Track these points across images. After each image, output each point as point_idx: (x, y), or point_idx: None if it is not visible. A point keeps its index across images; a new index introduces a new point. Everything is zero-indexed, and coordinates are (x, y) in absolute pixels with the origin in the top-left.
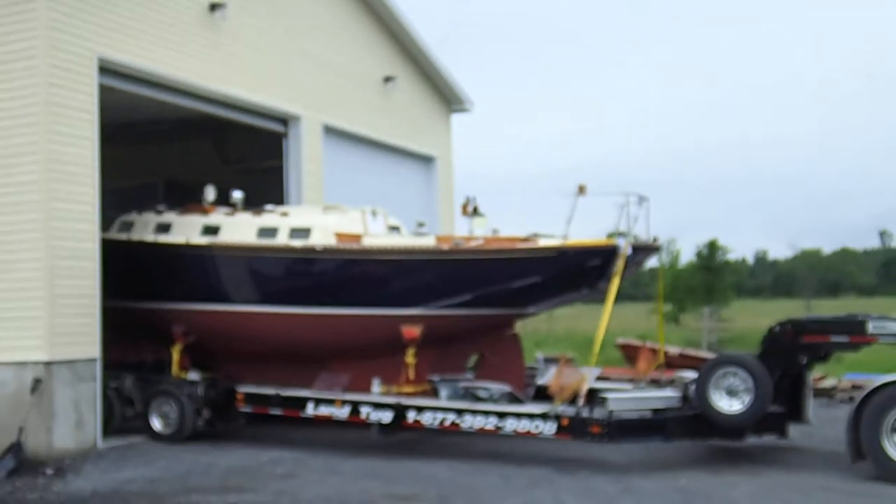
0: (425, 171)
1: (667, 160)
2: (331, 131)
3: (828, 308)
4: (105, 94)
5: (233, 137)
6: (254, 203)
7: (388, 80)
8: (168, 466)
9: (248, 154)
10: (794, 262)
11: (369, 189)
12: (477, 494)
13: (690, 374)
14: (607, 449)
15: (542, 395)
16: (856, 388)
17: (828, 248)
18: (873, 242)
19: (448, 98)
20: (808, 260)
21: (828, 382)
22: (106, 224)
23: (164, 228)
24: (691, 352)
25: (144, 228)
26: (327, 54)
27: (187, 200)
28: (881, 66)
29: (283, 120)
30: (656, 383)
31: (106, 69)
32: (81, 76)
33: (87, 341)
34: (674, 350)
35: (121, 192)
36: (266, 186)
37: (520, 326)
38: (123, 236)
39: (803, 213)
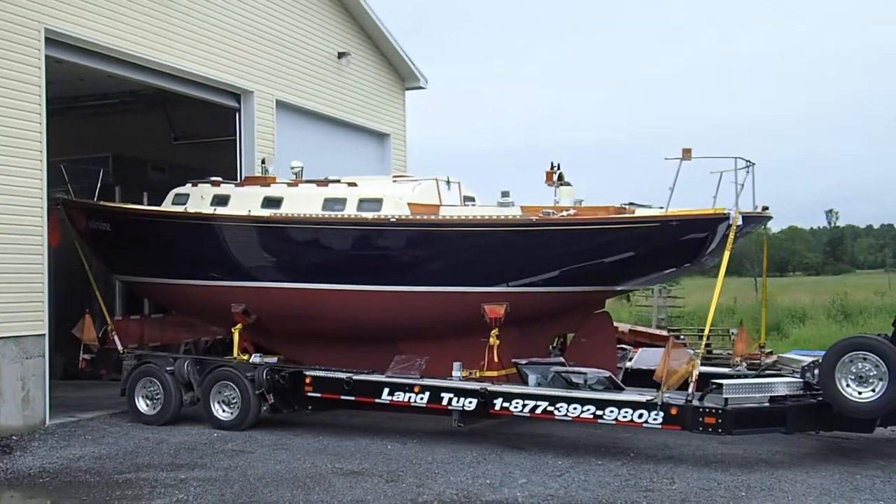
0: (379, 148)
1: (625, 137)
2: (284, 106)
3: (778, 287)
4: (52, 66)
5: (184, 111)
6: (205, 177)
7: (342, 55)
8: (116, 443)
9: (199, 128)
10: (743, 240)
11: (323, 165)
12: (427, 469)
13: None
14: (559, 425)
15: (634, 380)
16: None
17: (776, 226)
18: (820, 221)
19: (402, 75)
20: (757, 238)
21: None
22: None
23: (221, 201)
24: (641, 328)
25: (201, 201)
26: (281, 29)
27: (136, 175)
28: (834, 46)
29: (236, 95)
30: (756, 366)
31: (53, 41)
32: (28, 48)
33: (34, 317)
34: (623, 326)
35: (68, 166)
36: (217, 161)
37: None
38: (179, 209)
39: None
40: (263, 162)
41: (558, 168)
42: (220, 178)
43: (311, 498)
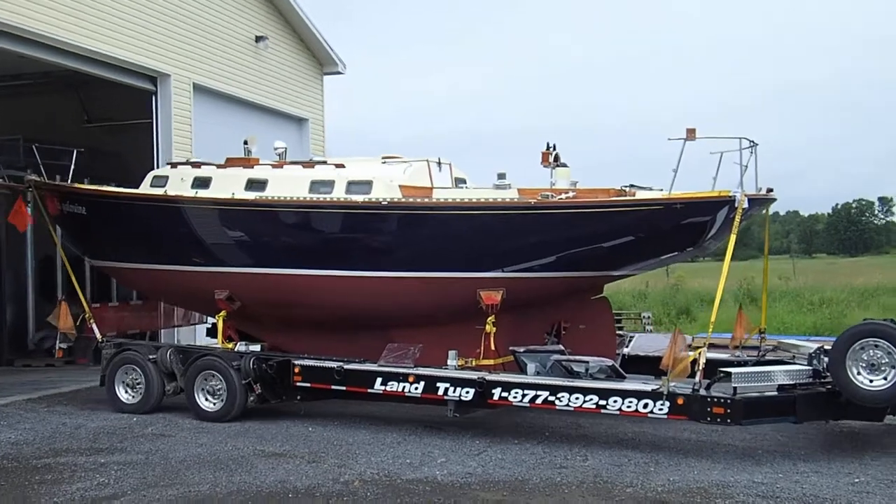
0: (297, 133)
1: (554, 120)
2: (201, 90)
3: (688, 272)
4: None
5: (99, 94)
6: (121, 160)
7: (259, 39)
8: (33, 429)
9: (115, 111)
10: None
11: (240, 149)
12: (348, 449)
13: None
14: (477, 412)
15: (631, 366)
16: None
17: None
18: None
19: (321, 60)
20: None
21: None
22: None
23: (203, 183)
24: None
25: (181, 183)
26: (198, 12)
27: (48, 158)
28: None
29: (152, 78)
30: (757, 353)
31: None
32: None
33: None
34: None
35: None
36: (133, 144)
37: None
38: (158, 192)
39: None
40: (246, 143)
41: (554, 149)
42: (200, 160)
43: (234, 479)
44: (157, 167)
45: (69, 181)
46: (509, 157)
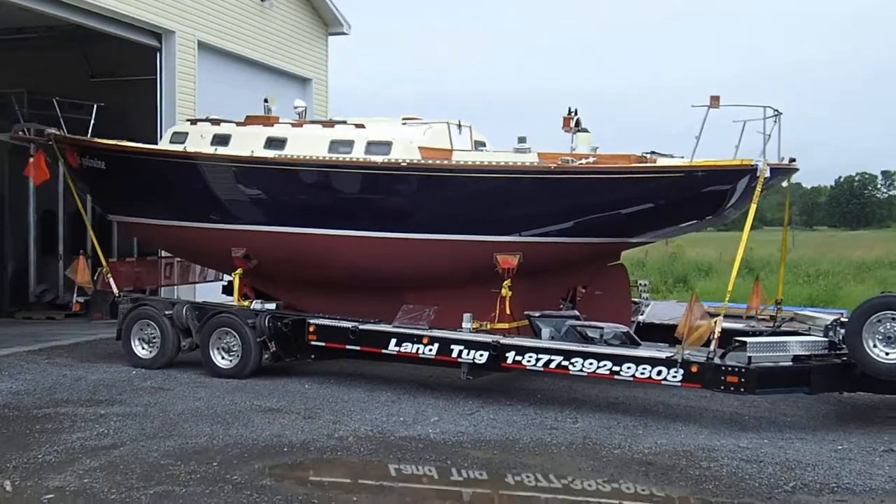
0: (301, 93)
1: (558, 92)
2: (205, 48)
3: (688, 241)
4: None
5: (102, 49)
6: (124, 116)
7: None
8: (34, 380)
9: (118, 67)
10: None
11: (244, 107)
12: (343, 406)
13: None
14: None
15: (646, 334)
16: None
17: None
18: None
19: (325, 20)
20: None
21: None
22: None
23: (222, 140)
24: None
25: (200, 140)
26: None
27: (51, 111)
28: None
29: (157, 34)
30: (773, 323)
31: None
32: None
33: None
34: None
35: None
36: (137, 101)
37: None
38: (177, 148)
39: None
40: (266, 101)
41: (576, 113)
42: (219, 117)
43: (231, 433)
44: (161, 124)
45: (88, 135)
46: (521, 123)
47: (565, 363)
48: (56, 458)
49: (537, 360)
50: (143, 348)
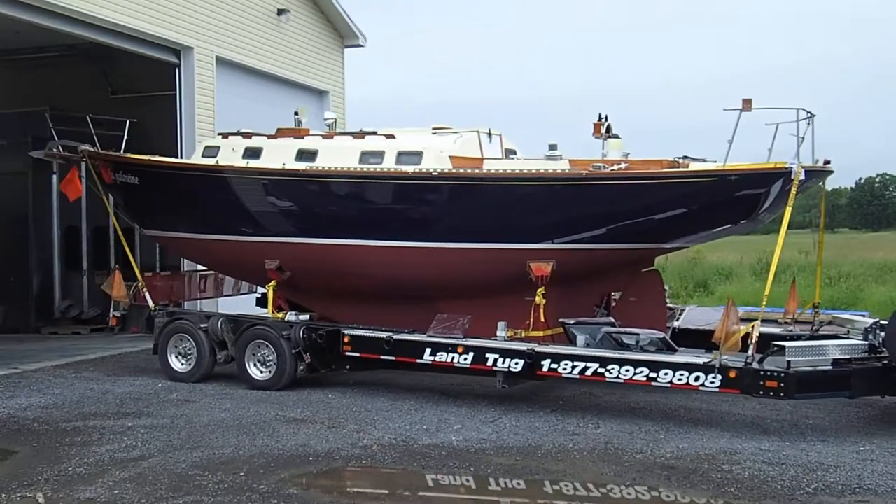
0: (318, 105)
1: (568, 96)
2: (224, 63)
3: (708, 246)
4: None
5: (122, 66)
6: (143, 132)
7: (281, 12)
8: (62, 394)
9: (138, 83)
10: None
11: (262, 121)
12: (366, 416)
13: (864, 318)
14: (489, 378)
15: (681, 340)
16: None
17: None
18: None
19: (341, 33)
20: None
21: None
22: None
23: (254, 153)
24: None
25: (232, 153)
26: None
27: (73, 128)
28: None
29: (176, 50)
30: (811, 327)
31: None
32: None
33: None
34: None
35: (3, 119)
36: (156, 116)
37: None
38: (210, 162)
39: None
40: (297, 113)
41: (606, 119)
42: (250, 130)
43: (257, 443)
44: (181, 139)
45: (122, 151)
46: (544, 128)
47: (602, 370)
48: (86, 471)
49: (573, 367)
50: (180, 362)
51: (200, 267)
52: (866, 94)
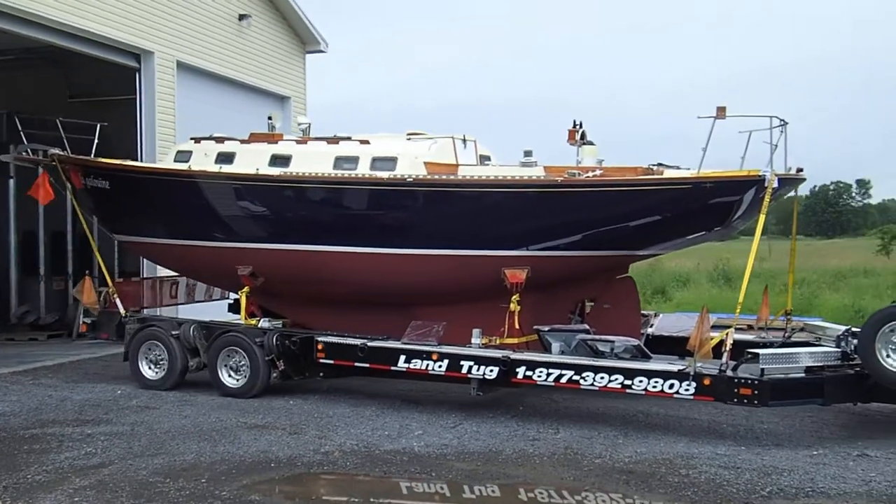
0: (279, 110)
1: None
2: (184, 67)
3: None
4: None
5: (82, 70)
6: (103, 137)
7: (242, 17)
8: (20, 401)
9: (98, 86)
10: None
11: (223, 126)
12: (328, 422)
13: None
14: (451, 385)
15: (655, 346)
16: None
17: None
18: None
19: (303, 38)
20: None
21: None
22: None
23: (226, 158)
24: None
25: (204, 158)
26: None
27: (32, 132)
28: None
29: (136, 55)
30: (783, 334)
31: None
32: None
33: None
34: None
35: None
36: (116, 120)
37: None
38: (182, 166)
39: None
40: (270, 118)
41: (581, 126)
42: (223, 135)
43: (218, 449)
44: (141, 143)
45: (92, 155)
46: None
47: (576, 378)
48: (46, 478)
49: (548, 374)
50: (151, 369)
51: (162, 272)
52: (807, 104)
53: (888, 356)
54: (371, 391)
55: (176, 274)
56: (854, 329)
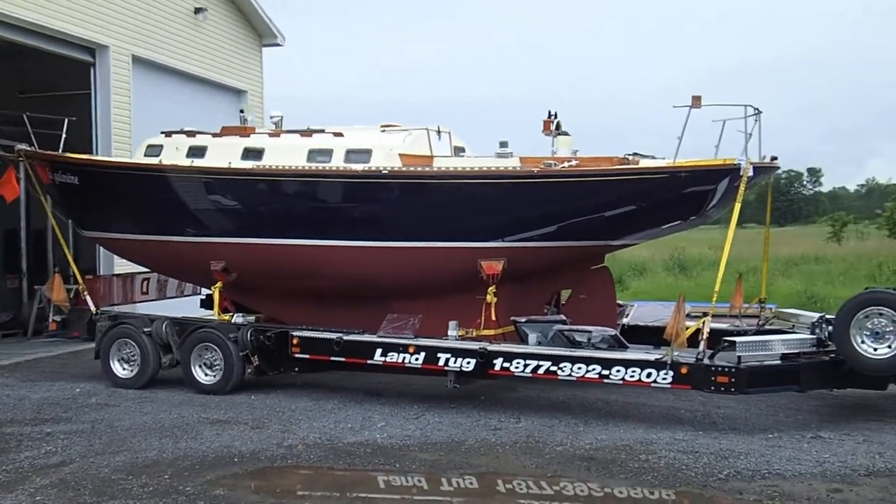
0: (236, 104)
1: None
2: (140, 62)
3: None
4: None
5: (36, 64)
6: (55, 132)
7: (198, 11)
8: None
9: (52, 81)
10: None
11: (179, 120)
12: (291, 416)
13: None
14: (414, 377)
15: (630, 336)
16: None
17: None
18: None
19: (259, 32)
20: None
21: None
22: None
23: (198, 152)
24: None
25: (175, 153)
26: None
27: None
28: None
29: (90, 49)
30: (757, 322)
31: None
32: None
33: None
34: None
35: None
36: (70, 115)
37: None
38: (153, 161)
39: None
40: (242, 111)
41: (555, 117)
42: (194, 129)
43: (180, 445)
44: (97, 138)
45: (60, 150)
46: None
47: (554, 368)
48: (6, 478)
49: (525, 366)
50: (123, 367)
51: (119, 269)
52: (762, 87)
53: (863, 342)
54: (333, 385)
55: (147, 270)
56: (828, 316)
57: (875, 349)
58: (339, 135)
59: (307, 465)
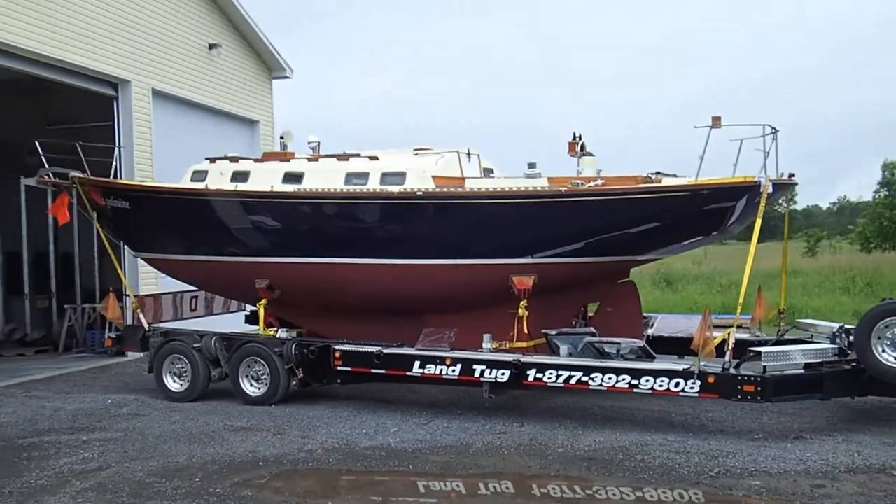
0: (249, 134)
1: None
2: (159, 95)
3: None
4: None
5: (60, 97)
6: (80, 163)
7: (212, 47)
8: (14, 412)
9: (75, 114)
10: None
11: (197, 150)
12: (309, 423)
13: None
14: (423, 386)
15: (655, 347)
16: None
17: None
18: None
19: (269, 66)
20: None
21: None
22: None
23: (241, 177)
24: None
25: (220, 177)
26: (156, 21)
27: (11, 160)
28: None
29: (113, 84)
30: (777, 332)
31: None
32: None
33: None
34: None
35: None
36: (94, 147)
37: None
38: (199, 185)
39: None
40: (282, 137)
41: (580, 138)
42: (237, 155)
43: (208, 451)
44: (119, 167)
45: (111, 177)
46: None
47: (585, 378)
48: (48, 482)
49: (558, 376)
50: (176, 381)
51: (147, 289)
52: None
53: (883, 351)
54: (347, 394)
55: (194, 288)
56: (847, 326)
57: (895, 357)
58: (375, 158)
59: (327, 468)
